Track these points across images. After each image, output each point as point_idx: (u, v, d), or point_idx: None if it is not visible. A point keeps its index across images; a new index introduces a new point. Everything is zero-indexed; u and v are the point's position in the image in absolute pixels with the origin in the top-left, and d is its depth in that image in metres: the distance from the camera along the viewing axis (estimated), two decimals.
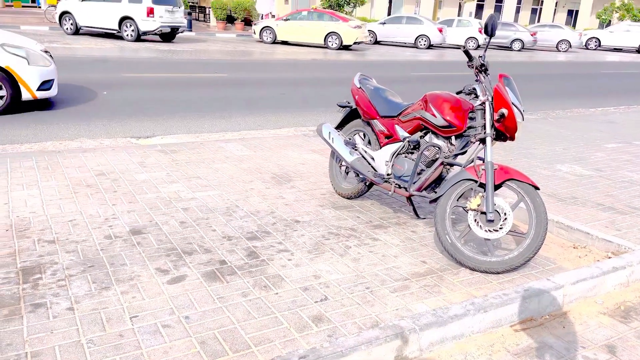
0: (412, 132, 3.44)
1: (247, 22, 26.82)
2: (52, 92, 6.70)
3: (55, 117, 6.45)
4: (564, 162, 5.47)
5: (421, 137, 3.39)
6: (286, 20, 20.74)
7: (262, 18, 25.23)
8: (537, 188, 2.93)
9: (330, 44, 19.94)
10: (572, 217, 3.81)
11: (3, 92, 6.25)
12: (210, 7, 27.34)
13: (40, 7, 25.96)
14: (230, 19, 26.74)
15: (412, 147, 3.41)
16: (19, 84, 6.31)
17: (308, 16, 20.73)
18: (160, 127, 6.33)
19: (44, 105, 7.06)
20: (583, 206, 4.10)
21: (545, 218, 2.87)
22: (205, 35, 22.66)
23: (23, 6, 28.18)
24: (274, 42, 20.69)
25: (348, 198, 4.04)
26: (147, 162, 4.65)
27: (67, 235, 3.08)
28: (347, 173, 4.09)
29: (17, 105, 6.44)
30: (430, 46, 24.01)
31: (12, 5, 28.01)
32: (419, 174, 3.33)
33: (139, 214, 3.47)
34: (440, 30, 23.86)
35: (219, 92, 9.14)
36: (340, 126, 4.11)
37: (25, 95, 6.39)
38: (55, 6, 21.28)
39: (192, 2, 30.54)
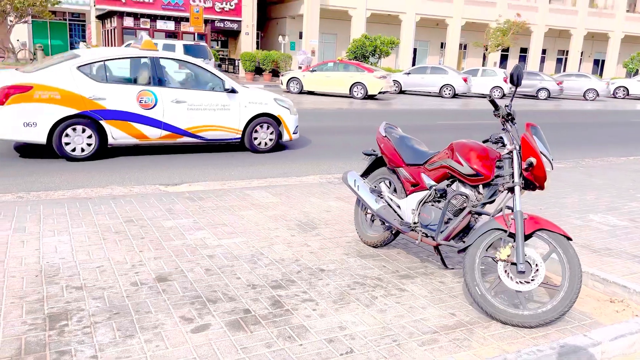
0: (438, 181, 3.41)
1: (275, 73, 27.63)
2: (297, 135, 8.52)
3: (86, 166, 6.64)
4: (597, 211, 5.33)
5: (448, 185, 3.36)
6: (312, 71, 21.30)
7: (300, 69, 25.99)
8: (569, 239, 2.84)
9: (355, 93, 20.30)
10: (608, 270, 3.67)
11: (272, 135, 8.09)
12: (239, 59, 28.35)
13: None
14: (258, 70, 27.62)
15: (438, 195, 3.38)
16: (284, 128, 8.19)
17: (334, 67, 21.26)
18: (189, 175, 6.45)
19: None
20: (618, 258, 3.95)
21: (579, 270, 2.77)
22: None
23: None
24: (301, 92, 21.20)
25: (374, 246, 3.99)
26: (174, 209, 4.72)
27: (95, 282, 3.11)
28: (373, 221, 4.06)
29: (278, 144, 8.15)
30: (455, 95, 24.21)
31: None
32: (447, 222, 3.28)
33: (165, 261, 3.49)
34: (465, 80, 24.10)
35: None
36: (365, 174, 4.12)
37: (285, 137, 8.26)
38: None
39: (223, 55, 31.75)
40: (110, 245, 3.72)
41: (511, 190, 3.01)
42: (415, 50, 38.17)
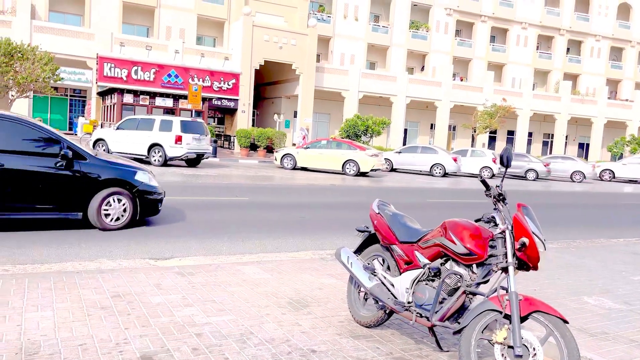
0: (432, 259, 3.40)
1: (269, 150, 28.16)
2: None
3: (77, 238, 6.56)
4: (591, 294, 5.28)
5: (442, 264, 3.35)
6: (306, 148, 21.76)
7: (303, 139, 26.62)
8: (565, 322, 2.80)
9: (348, 170, 20.63)
10: (606, 355, 3.58)
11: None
12: (235, 136, 28.99)
13: (76, 135, 27.87)
14: (253, 147, 28.17)
15: (432, 274, 3.35)
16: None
17: (327, 145, 21.76)
18: (179, 249, 6.37)
19: (71, 225, 7.24)
20: (616, 342, 3.86)
21: (578, 354, 2.71)
22: (229, 161, 23.74)
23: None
24: (294, 168, 21.51)
25: (367, 326, 3.89)
26: (163, 284, 4.62)
27: None
28: (366, 299, 3.98)
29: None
30: (445, 174, 24.66)
31: None
32: (441, 302, 3.23)
33: (151, 339, 3.37)
34: (455, 160, 24.67)
35: (239, 214, 9.32)
36: (359, 250, 4.10)
37: None
38: (90, 134, 22.79)
39: (218, 131, 32.51)
40: (95, 322, 3.59)
41: (505, 270, 3.00)
42: (405, 130, 39.37)
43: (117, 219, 7.09)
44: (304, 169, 21.70)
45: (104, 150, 18.70)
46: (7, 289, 4.13)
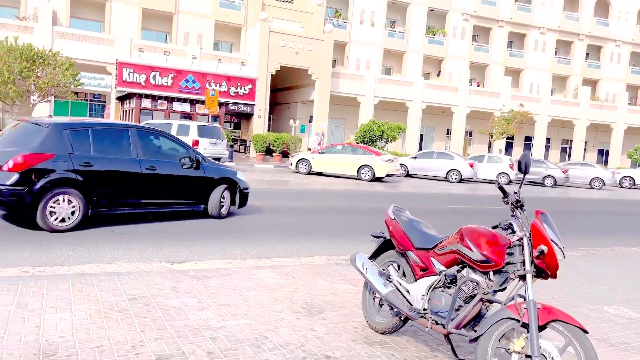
0: (448, 266, 3.37)
1: (285, 154, 28.25)
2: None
3: (95, 240, 6.64)
4: (611, 303, 5.18)
5: (458, 271, 3.32)
6: (321, 153, 21.79)
7: (318, 144, 27.01)
8: (585, 331, 2.75)
9: (363, 175, 20.59)
10: None
11: None
12: (251, 140, 29.15)
13: None
14: (268, 151, 28.29)
15: (449, 281, 3.32)
16: None
17: (342, 150, 21.76)
18: (195, 252, 6.41)
19: (77, 228, 7.33)
20: (637, 353, 3.78)
21: None
22: (245, 166, 23.86)
23: None
24: (309, 173, 21.54)
25: (382, 333, 3.86)
26: (179, 287, 4.65)
27: None
28: (381, 306, 3.96)
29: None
30: (461, 180, 24.48)
31: None
32: (457, 310, 3.20)
33: (166, 342, 3.39)
34: (472, 166, 24.48)
35: (254, 219, 9.35)
36: (374, 256, 4.09)
37: None
38: None
39: (235, 136, 32.72)
40: (112, 324, 3.63)
41: (523, 278, 2.96)
42: (421, 135, 39.18)
43: (227, 209, 8.92)
44: (319, 173, 21.72)
45: None
46: (27, 291, 4.19)
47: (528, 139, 43.36)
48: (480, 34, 43.63)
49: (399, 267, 3.89)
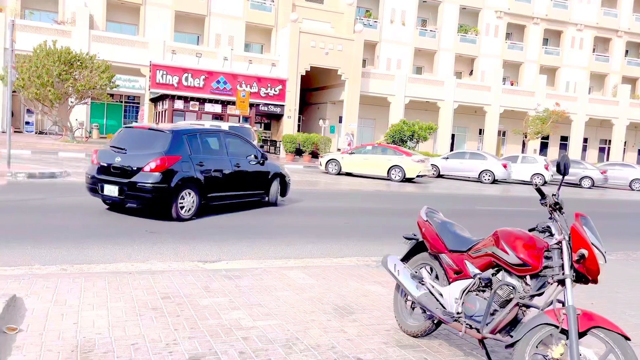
0: (483, 269, 3.29)
1: (314, 155, 28.30)
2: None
3: (130, 239, 6.78)
4: None
5: (493, 274, 3.24)
6: (351, 153, 21.72)
7: (348, 144, 27.14)
8: (627, 338, 2.64)
9: (393, 176, 20.43)
10: None
11: None
12: (280, 141, 29.31)
13: None
14: (298, 152, 28.39)
15: (483, 284, 3.25)
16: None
17: (372, 150, 21.64)
18: (226, 251, 6.47)
19: (108, 227, 7.50)
20: None
21: None
22: None
23: None
24: (339, 173, 21.50)
25: (414, 336, 3.81)
26: (211, 286, 4.70)
27: None
28: (413, 309, 3.91)
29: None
30: (494, 181, 24.01)
31: (106, 137, 31.44)
32: (492, 314, 3.12)
33: (199, 341, 3.43)
34: (505, 166, 23.99)
35: (285, 219, 9.39)
36: (406, 258, 4.03)
37: None
38: None
39: (265, 136, 32.97)
40: (146, 322, 3.69)
41: (561, 282, 2.86)
42: (453, 135, 38.63)
43: (278, 197, 10.67)
44: (348, 174, 21.66)
45: None
46: (65, 288, 4.31)
47: (564, 138, 42.24)
48: (514, 32, 42.73)
49: (431, 269, 3.83)
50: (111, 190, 7.99)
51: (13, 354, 3.04)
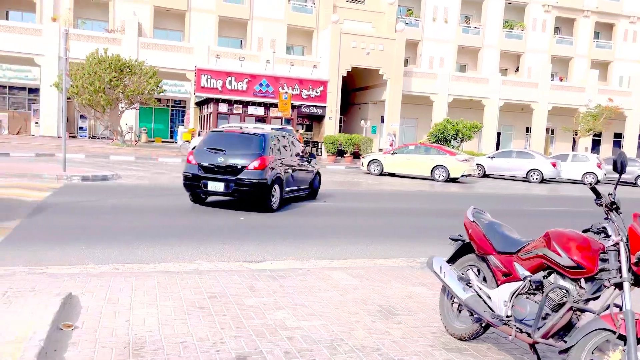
0: (533, 271, 3.18)
1: (356, 155, 28.23)
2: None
3: (178, 239, 6.96)
4: None
5: (544, 277, 3.12)
6: (393, 154, 21.54)
7: (390, 145, 27.13)
8: None
9: (437, 176, 20.11)
10: None
11: None
12: (322, 142, 29.40)
13: (176, 142, 29.73)
14: (340, 153, 28.39)
15: (534, 287, 3.14)
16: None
17: (415, 150, 21.38)
18: (270, 252, 6.54)
19: (171, 226, 7.70)
20: None
21: None
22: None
23: (162, 141, 32.51)
24: (381, 173, 21.36)
25: (461, 339, 3.73)
26: (256, 286, 4.75)
27: (177, 358, 3.13)
28: (460, 311, 3.82)
29: None
30: (543, 180, 23.25)
31: (154, 141, 32.39)
32: (544, 318, 3.01)
33: (245, 340, 3.47)
34: (554, 165, 23.18)
35: (328, 219, 9.40)
36: (452, 260, 3.95)
37: None
38: (189, 142, 24.19)
39: (307, 138, 33.17)
40: (194, 321, 3.77)
41: (619, 286, 2.73)
42: (499, 134, 37.68)
43: (317, 191, 12.18)
44: (391, 174, 21.48)
45: None
46: (117, 287, 4.46)
47: (618, 135, 40.41)
48: (562, 26, 41.27)
49: (479, 271, 3.73)
50: (216, 186, 9.23)
51: (69, 350, 3.17)
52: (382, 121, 33.30)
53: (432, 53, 37.82)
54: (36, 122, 28.96)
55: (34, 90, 29.87)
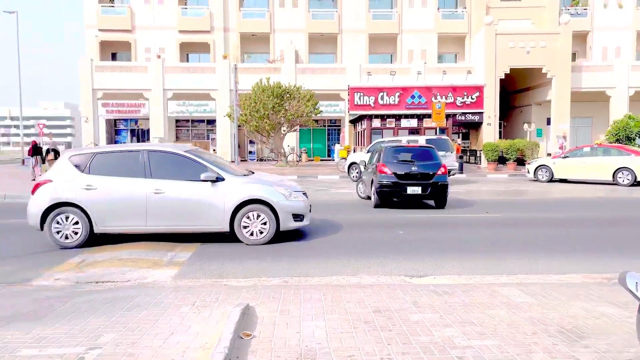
0: None
1: (520, 162, 26.29)
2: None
3: (341, 252, 7.14)
4: None
5: None
6: (564, 157, 19.57)
7: (560, 148, 25.01)
8: None
9: (620, 180, 17.73)
10: None
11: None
12: (481, 150, 28.00)
13: (333, 160, 30.93)
14: (501, 160, 26.71)
15: None
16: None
17: (591, 152, 19.17)
18: (432, 266, 6.34)
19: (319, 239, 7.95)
20: None
21: None
22: (476, 177, 22.99)
23: (321, 159, 34.15)
24: (550, 180, 19.53)
25: None
26: (420, 302, 4.64)
27: None
28: None
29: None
30: None
31: (313, 160, 34.13)
32: None
33: (412, 357, 3.39)
34: None
35: (493, 232, 8.84)
36: None
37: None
38: (345, 159, 24.97)
39: (464, 146, 31.91)
40: (360, 335, 3.80)
41: None
42: None
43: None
44: (562, 180, 19.51)
45: (357, 173, 20.31)
46: (287, 299, 4.72)
47: None
48: None
49: None
50: (414, 190, 11.46)
51: (249, 358, 3.41)
52: (548, 123, 30.55)
53: (605, 43, 33.77)
54: (214, 150, 32.52)
55: (211, 122, 33.63)
